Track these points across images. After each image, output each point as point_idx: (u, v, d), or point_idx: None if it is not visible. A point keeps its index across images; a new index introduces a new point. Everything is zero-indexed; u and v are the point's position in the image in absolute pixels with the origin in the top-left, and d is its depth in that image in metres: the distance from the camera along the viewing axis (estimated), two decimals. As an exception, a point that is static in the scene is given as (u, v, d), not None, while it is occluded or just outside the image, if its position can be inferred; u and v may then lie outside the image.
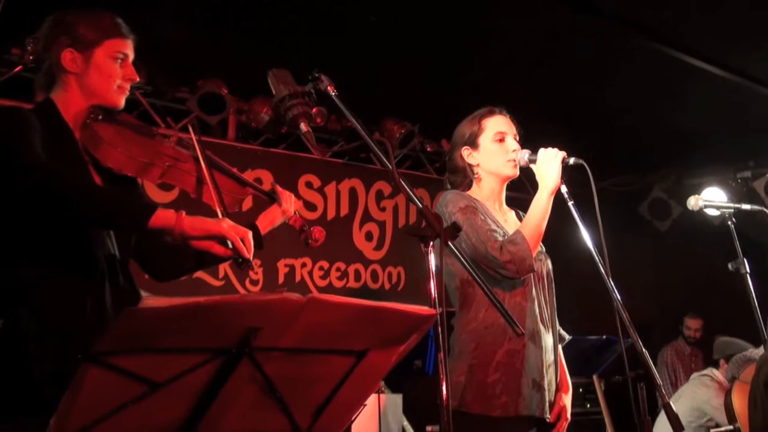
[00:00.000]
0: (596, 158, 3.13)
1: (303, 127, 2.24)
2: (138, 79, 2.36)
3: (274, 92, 2.29)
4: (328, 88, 2.25)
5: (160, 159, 2.31)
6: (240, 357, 1.57)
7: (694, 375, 5.65)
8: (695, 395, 5.31)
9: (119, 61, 2.30)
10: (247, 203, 2.63)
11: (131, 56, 2.34)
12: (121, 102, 2.33)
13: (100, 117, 2.27)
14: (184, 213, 2.07)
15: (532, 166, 2.87)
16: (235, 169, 2.57)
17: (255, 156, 5.66)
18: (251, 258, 2.15)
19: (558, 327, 3.03)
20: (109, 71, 2.28)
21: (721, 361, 5.50)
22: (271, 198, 2.64)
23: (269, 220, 2.62)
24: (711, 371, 5.48)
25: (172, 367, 1.52)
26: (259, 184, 2.80)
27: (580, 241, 2.67)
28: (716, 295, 7.05)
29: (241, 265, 2.16)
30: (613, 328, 2.56)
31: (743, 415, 4.54)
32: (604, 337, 5.50)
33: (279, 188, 2.67)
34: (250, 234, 2.17)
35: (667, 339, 7.80)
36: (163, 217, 2.03)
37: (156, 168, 2.30)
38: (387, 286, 6.41)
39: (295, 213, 2.68)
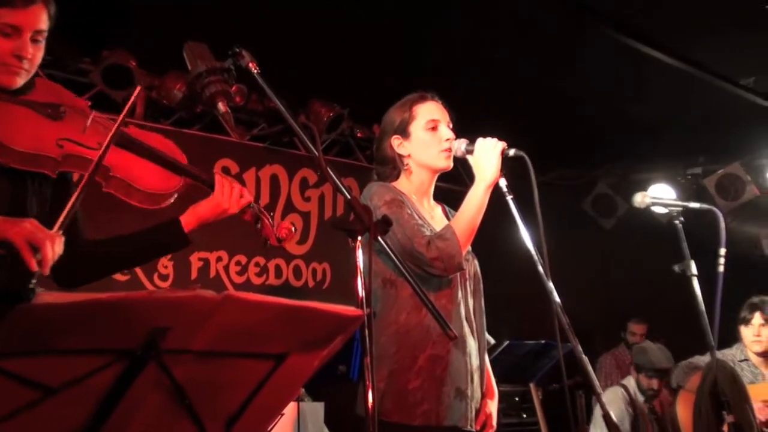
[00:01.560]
0: (539, 150, 3.18)
1: (221, 106, 2.23)
2: (28, 56, 2.28)
3: (189, 67, 2.27)
4: (250, 64, 2.24)
5: (54, 146, 2.25)
6: (146, 360, 1.56)
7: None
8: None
9: (6, 35, 2.23)
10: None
11: (31, 28, 2.27)
12: (12, 81, 2.27)
13: None
14: None
15: (468, 157, 2.90)
16: (166, 150, 2.51)
17: (166, 137, 5.56)
18: (41, 270, 2.02)
19: (485, 332, 3.08)
20: None
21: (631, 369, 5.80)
22: (211, 187, 2.55)
23: (199, 214, 2.55)
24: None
25: (69, 370, 1.50)
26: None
27: (518, 238, 2.71)
28: (662, 299, 7.26)
29: (21, 278, 2.03)
30: (552, 332, 2.62)
31: (688, 426, 4.69)
32: (543, 341, 5.61)
33: (219, 176, 2.58)
34: (54, 244, 2.04)
35: (610, 344, 7.98)
36: None
37: (47, 159, 2.24)
38: (311, 283, 6.42)
39: (250, 206, 2.59)
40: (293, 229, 2.64)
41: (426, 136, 2.97)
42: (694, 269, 3.58)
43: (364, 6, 4.82)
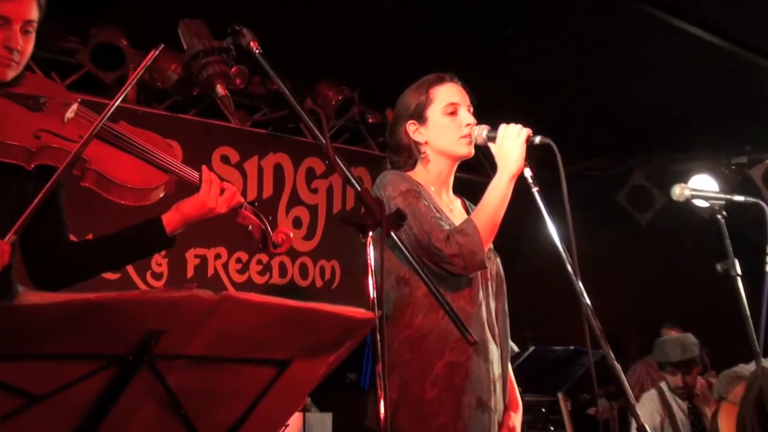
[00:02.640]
0: (568, 137, 3.18)
1: (219, 89, 2.24)
2: (18, 47, 2.31)
3: (185, 46, 2.28)
4: (251, 43, 2.25)
5: (30, 137, 2.27)
6: (138, 365, 1.56)
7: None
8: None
9: None
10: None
11: (20, 19, 2.30)
12: (2, 73, 2.29)
13: None
14: None
15: (490, 144, 2.89)
16: (153, 146, 2.53)
17: (159, 123, 5.60)
18: None
19: (509, 338, 3.08)
20: None
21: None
22: (196, 186, 2.58)
23: (183, 213, 2.58)
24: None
25: (55, 376, 1.51)
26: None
27: (545, 234, 2.71)
28: (703, 301, 7.24)
29: None
30: (581, 337, 2.62)
31: (731, 439, 4.68)
32: (572, 348, 5.60)
33: (206, 173, 2.60)
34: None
35: (645, 351, 7.96)
36: None
37: (21, 150, 2.26)
38: (318, 283, 6.43)
39: (243, 206, 2.62)
40: (291, 234, 2.67)
41: (444, 121, 2.97)
42: (738, 269, 3.57)
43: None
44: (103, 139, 2.42)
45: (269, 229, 2.64)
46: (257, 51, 2.24)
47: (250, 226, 2.61)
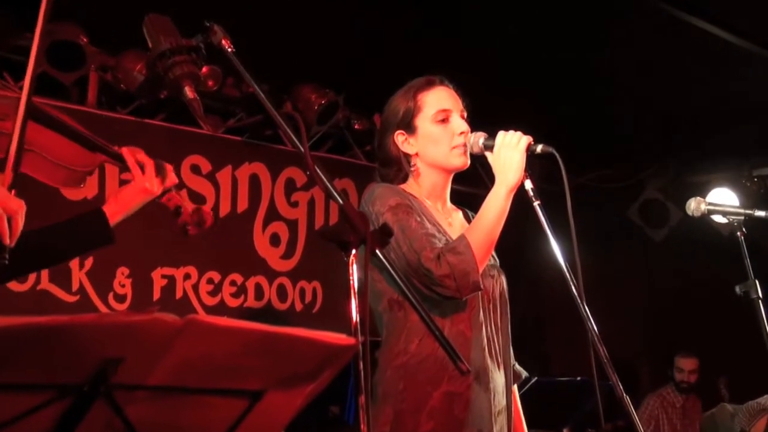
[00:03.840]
0: (574, 146, 3.20)
1: (188, 91, 2.24)
2: None
3: (150, 45, 2.28)
4: (223, 41, 2.25)
5: None
6: (94, 396, 1.56)
7: None
8: None
9: None
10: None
11: None
12: None
13: None
14: None
15: (487, 154, 2.90)
16: (79, 127, 2.55)
17: (123, 128, 5.59)
18: (10, 245, 2.10)
19: (513, 363, 3.08)
20: None
21: None
22: (127, 168, 2.64)
23: (123, 201, 2.62)
24: None
25: (1, 409, 1.50)
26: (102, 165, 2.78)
27: (547, 253, 2.71)
28: (721, 327, 7.24)
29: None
30: (588, 367, 2.62)
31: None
32: (578, 378, 5.61)
33: (141, 158, 2.67)
34: (23, 214, 2.12)
35: (658, 382, 7.98)
36: None
37: None
38: (298, 306, 6.41)
39: (167, 192, 2.69)
40: (211, 213, 2.73)
41: (435, 129, 2.98)
42: (759, 291, 3.57)
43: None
44: (36, 119, 2.43)
45: (190, 209, 2.69)
46: (230, 49, 2.24)
47: (181, 207, 2.65)
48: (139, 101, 5.68)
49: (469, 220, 3.09)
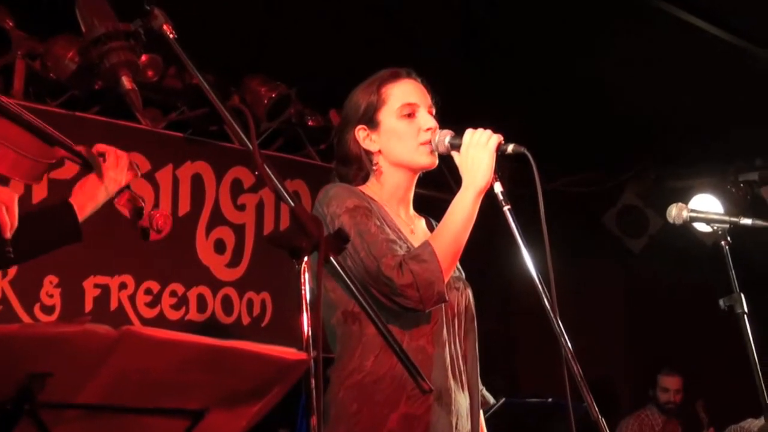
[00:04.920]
0: (547, 147, 3.21)
1: (125, 81, 2.23)
2: None
3: (83, 29, 2.27)
4: (164, 27, 2.24)
5: None
6: (18, 416, 1.54)
7: None
8: None
9: None
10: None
11: None
12: None
13: None
14: None
15: (454, 153, 2.91)
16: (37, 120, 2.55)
17: (54, 122, 5.48)
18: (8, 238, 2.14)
19: (481, 387, 3.08)
20: None
21: None
22: (87, 165, 2.65)
23: (87, 197, 2.64)
24: None
25: None
26: (60, 162, 2.79)
27: (518, 263, 2.72)
28: (704, 343, 7.31)
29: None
30: (561, 386, 2.63)
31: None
32: (550, 399, 5.63)
33: (102, 148, 2.71)
34: (14, 202, 2.16)
35: (638, 402, 8.03)
36: None
37: None
38: (245, 319, 6.39)
39: (125, 189, 2.71)
40: (170, 215, 2.77)
41: (400, 125, 2.98)
42: (745, 305, 3.61)
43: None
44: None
45: (150, 212, 2.71)
46: (171, 36, 2.23)
47: (141, 209, 2.66)
48: (71, 92, 5.63)
49: (432, 230, 3.10)
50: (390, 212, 2.98)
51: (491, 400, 2.93)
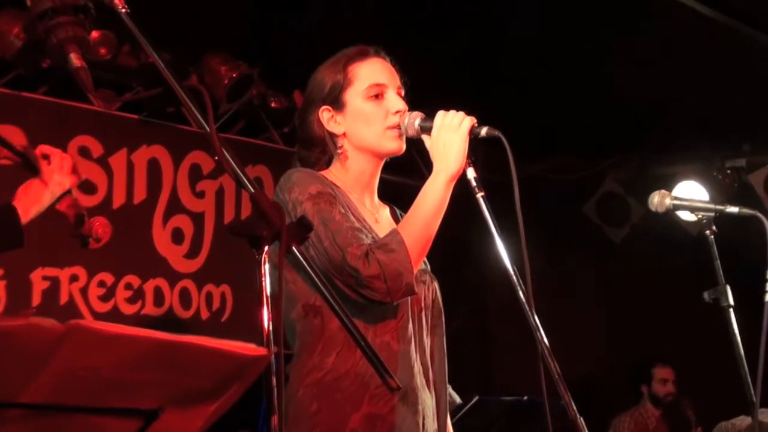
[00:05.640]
0: (524, 130, 3.21)
1: (74, 59, 2.22)
2: None
3: (28, 3, 2.25)
4: (116, 1, 2.22)
5: None
6: (-44, 417, 1.54)
7: None
8: None
9: None
10: None
11: None
12: None
13: None
14: None
15: (424, 137, 2.91)
16: None
17: (-1, 103, 5.52)
18: None
19: (447, 385, 3.09)
20: None
21: None
22: (30, 167, 2.64)
23: (31, 200, 2.64)
24: None
25: None
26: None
27: (492, 253, 2.73)
28: (689, 338, 7.36)
29: None
30: (537, 384, 2.64)
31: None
32: (525, 398, 5.65)
33: (46, 149, 2.70)
34: None
35: (622, 401, 8.04)
36: None
37: None
38: (204, 314, 6.38)
39: (68, 193, 2.71)
40: (109, 224, 2.79)
41: (367, 106, 2.98)
42: (730, 298, 3.63)
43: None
44: None
45: (89, 219, 2.74)
46: (124, 10, 2.21)
47: (83, 216, 2.68)
48: (17, 71, 5.60)
49: (397, 220, 3.10)
50: (354, 200, 2.98)
51: (458, 399, 2.94)
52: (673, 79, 6.38)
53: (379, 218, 3.06)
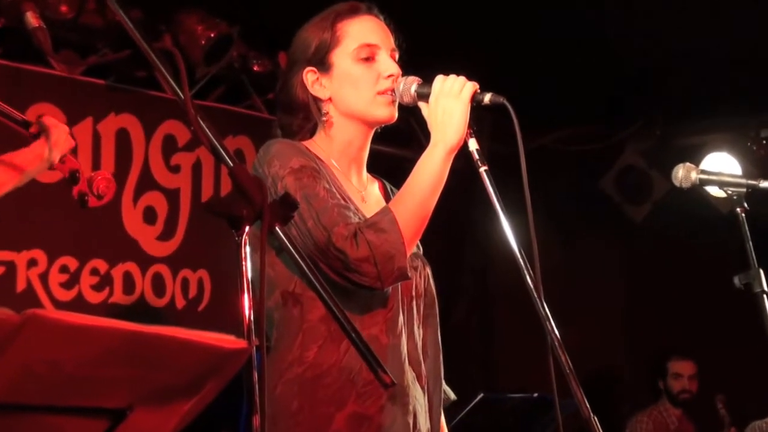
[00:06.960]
0: (533, 97, 3.21)
1: (31, 18, 2.22)
2: None
3: (-19, -43, 2.25)
4: (78, -47, 2.23)
5: None
6: None
7: None
8: None
9: None
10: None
11: None
12: None
13: None
14: None
15: (421, 104, 2.92)
16: None
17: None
18: None
19: (442, 381, 3.10)
20: None
21: None
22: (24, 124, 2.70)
23: (18, 167, 2.71)
24: None
25: None
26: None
27: (497, 234, 2.73)
28: (717, 327, 7.37)
29: None
30: (547, 380, 2.65)
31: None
32: (534, 395, 5.67)
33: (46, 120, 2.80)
34: None
35: (642, 399, 8.07)
36: None
37: None
38: (180, 302, 6.39)
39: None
40: (114, 181, 2.86)
41: (356, 69, 2.98)
42: (764, 284, 3.63)
43: None
44: None
45: (89, 176, 2.77)
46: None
47: (78, 173, 2.71)
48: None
49: (387, 196, 3.10)
50: (338, 175, 2.98)
51: (452, 396, 2.95)
52: (701, 39, 6.37)
53: (366, 197, 3.06)
